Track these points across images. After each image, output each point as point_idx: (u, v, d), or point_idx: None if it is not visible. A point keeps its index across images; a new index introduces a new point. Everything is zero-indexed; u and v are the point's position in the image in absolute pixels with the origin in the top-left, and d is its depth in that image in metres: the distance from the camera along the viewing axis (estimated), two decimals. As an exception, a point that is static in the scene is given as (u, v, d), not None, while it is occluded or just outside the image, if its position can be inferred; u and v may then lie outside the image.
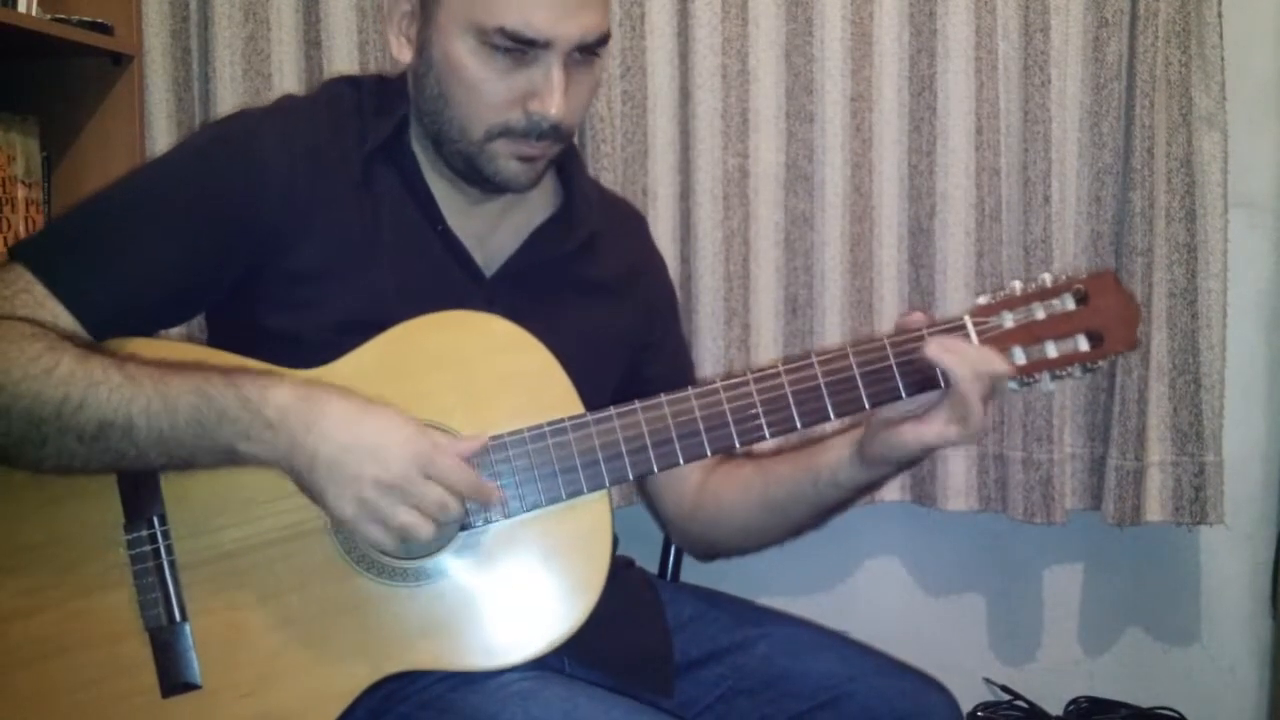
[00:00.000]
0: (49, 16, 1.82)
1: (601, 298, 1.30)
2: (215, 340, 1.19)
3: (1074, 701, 2.12)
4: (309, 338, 1.14)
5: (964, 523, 2.09)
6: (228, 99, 1.99)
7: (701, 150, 1.99)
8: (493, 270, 1.23)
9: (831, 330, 2.03)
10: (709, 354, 2.01)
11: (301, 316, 1.15)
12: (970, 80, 1.96)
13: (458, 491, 1.06)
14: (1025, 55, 1.95)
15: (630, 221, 1.42)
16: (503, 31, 1.10)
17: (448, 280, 1.20)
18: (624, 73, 1.99)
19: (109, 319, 1.11)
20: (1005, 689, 2.14)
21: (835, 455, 1.21)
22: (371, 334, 1.13)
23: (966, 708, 2.10)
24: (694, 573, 1.65)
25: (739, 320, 2.02)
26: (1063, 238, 1.97)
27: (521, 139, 1.14)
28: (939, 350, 1.11)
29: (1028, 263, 1.97)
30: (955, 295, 1.99)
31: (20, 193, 1.86)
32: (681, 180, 2.02)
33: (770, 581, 2.13)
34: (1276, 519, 2.08)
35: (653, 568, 1.57)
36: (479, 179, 1.18)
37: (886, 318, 2.03)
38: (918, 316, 1.16)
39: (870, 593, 2.18)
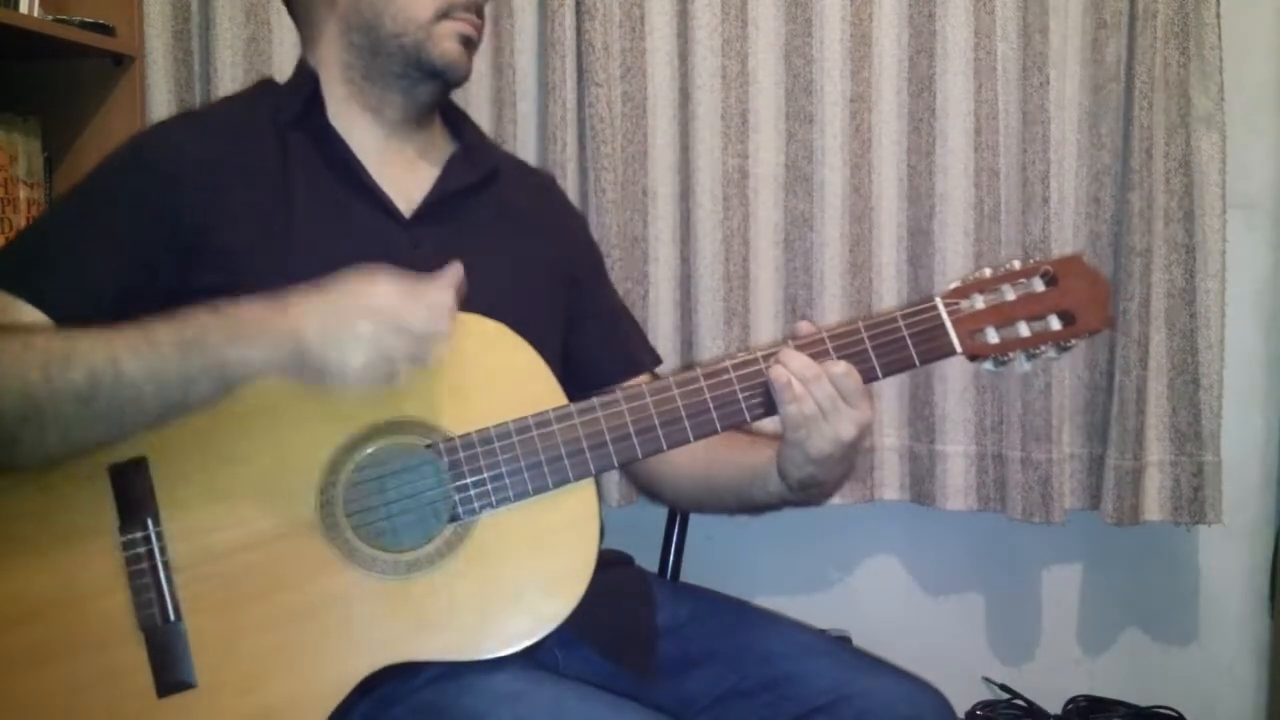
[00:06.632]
0: (50, 17, 1.83)
1: (520, 224, 1.36)
2: None
3: (1073, 700, 2.13)
4: None
5: (963, 522, 2.09)
6: (229, 100, 2.00)
7: (701, 151, 1.99)
8: (412, 211, 1.28)
9: (831, 330, 2.03)
10: (709, 354, 2.01)
11: (241, 293, 1.15)
12: (969, 81, 1.97)
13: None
14: (1024, 56, 1.95)
15: (535, 174, 1.55)
16: None
17: (372, 227, 1.25)
18: (624, 73, 1.99)
19: (77, 316, 1.13)
20: (1004, 688, 2.15)
21: (767, 460, 1.23)
22: None
23: (966, 706, 2.11)
24: (694, 573, 1.66)
25: (739, 320, 2.03)
26: (1061, 238, 1.97)
27: (464, 16, 1.27)
28: (775, 370, 1.15)
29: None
30: (954, 295, 1.99)
31: (22, 193, 1.87)
32: (681, 181, 2.03)
33: (770, 581, 2.14)
34: (1274, 518, 2.09)
35: (653, 567, 1.58)
36: (423, 73, 1.27)
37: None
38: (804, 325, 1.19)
39: (870, 592, 2.19)
